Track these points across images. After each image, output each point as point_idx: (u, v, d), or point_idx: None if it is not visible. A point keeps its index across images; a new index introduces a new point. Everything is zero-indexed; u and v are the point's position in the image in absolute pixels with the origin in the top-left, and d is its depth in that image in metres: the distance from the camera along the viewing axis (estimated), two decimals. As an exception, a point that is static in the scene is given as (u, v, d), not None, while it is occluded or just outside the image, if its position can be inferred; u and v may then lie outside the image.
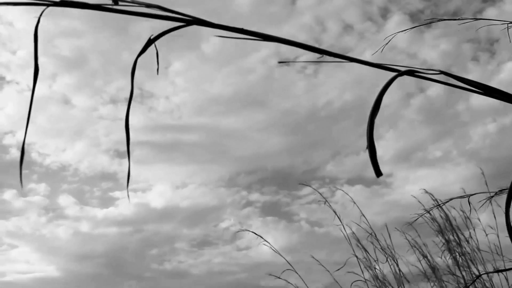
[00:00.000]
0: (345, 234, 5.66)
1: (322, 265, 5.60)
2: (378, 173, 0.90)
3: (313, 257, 5.67)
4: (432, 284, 6.08)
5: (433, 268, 6.15)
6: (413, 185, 5.95)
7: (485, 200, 2.32)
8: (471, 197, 2.52)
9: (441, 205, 2.65)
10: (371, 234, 5.83)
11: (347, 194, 5.81)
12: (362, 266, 5.75)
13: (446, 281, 6.10)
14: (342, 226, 5.63)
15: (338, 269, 5.53)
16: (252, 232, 5.60)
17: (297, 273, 5.55)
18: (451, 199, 2.52)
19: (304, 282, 5.69)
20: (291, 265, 5.56)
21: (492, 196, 2.26)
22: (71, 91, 16.00)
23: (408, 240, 6.20)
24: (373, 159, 0.87)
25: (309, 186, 5.56)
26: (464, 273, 5.99)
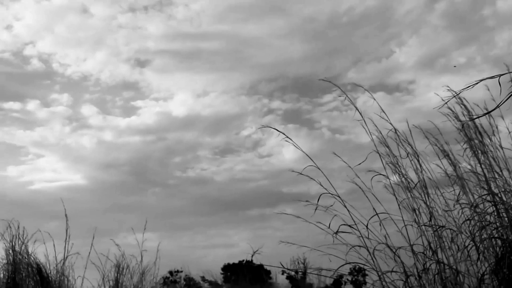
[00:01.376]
0: (367, 129, 5.69)
1: (344, 161, 5.67)
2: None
3: (335, 154, 5.73)
4: (453, 181, 6.15)
5: (455, 166, 6.19)
6: (435, 91, 5.89)
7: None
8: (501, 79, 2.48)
9: (467, 88, 2.58)
10: (391, 130, 5.85)
11: (367, 91, 5.81)
12: (384, 162, 5.81)
13: (467, 180, 6.15)
14: (363, 121, 5.65)
15: (360, 164, 5.59)
16: (274, 129, 5.65)
17: (320, 169, 5.62)
18: (481, 80, 2.47)
19: (328, 180, 5.77)
20: (313, 161, 5.63)
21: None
22: (89, 0, 15.73)
23: (428, 138, 6.21)
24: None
25: (329, 81, 5.55)
26: (485, 171, 6.02)
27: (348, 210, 5.73)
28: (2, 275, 10.39)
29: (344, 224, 5.70)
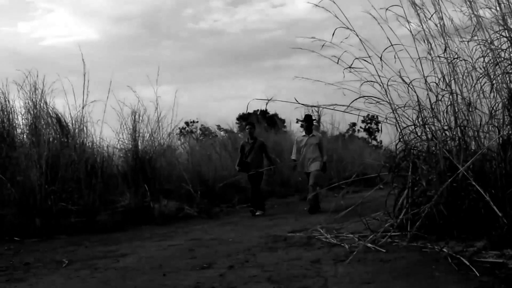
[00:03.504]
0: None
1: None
2: None
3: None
4: (468, 18, 6.05)
5: (470, 2, 6.07)
6: None
7: None
8: None
9: None
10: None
11: None
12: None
13: (482, 17, 6.05)
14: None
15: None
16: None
17: (334, 2, 5.54)
18: None
19: (343, 13, 5.71)
20: (328, -4, 5.53)
21: None
22: None
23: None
24: None
25: None
26: (502, 6, 5.90)
27: (362, 43, 5.72)
28: (22, 123, 10.63)
29: (358, 58, 5.72)
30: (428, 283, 3.96)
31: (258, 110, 29.49)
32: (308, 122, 11.73)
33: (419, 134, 6.06)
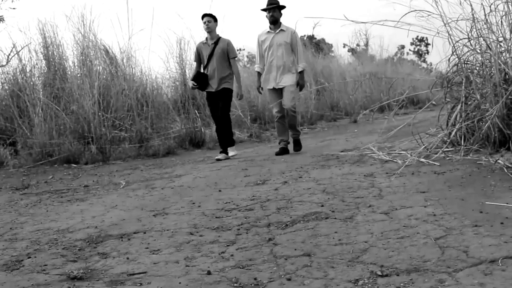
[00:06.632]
0: None
1: None
2: None
3: None
4: None
5: None
6: None
7: None
8: None
9: None
10: None
11: None
12: None
13: None
14: None
15: None
16: None
17: None
18: None
19: None
20: None
21: None
22: None
23: None
24: None
25: None
26: None
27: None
28: (73, 55, 10.79)
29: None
30: (483, 190, 3.95)
31: (304, 35, 29.11)
32: (274, 9, 7.62)
33: (473, 47, 5.91)
